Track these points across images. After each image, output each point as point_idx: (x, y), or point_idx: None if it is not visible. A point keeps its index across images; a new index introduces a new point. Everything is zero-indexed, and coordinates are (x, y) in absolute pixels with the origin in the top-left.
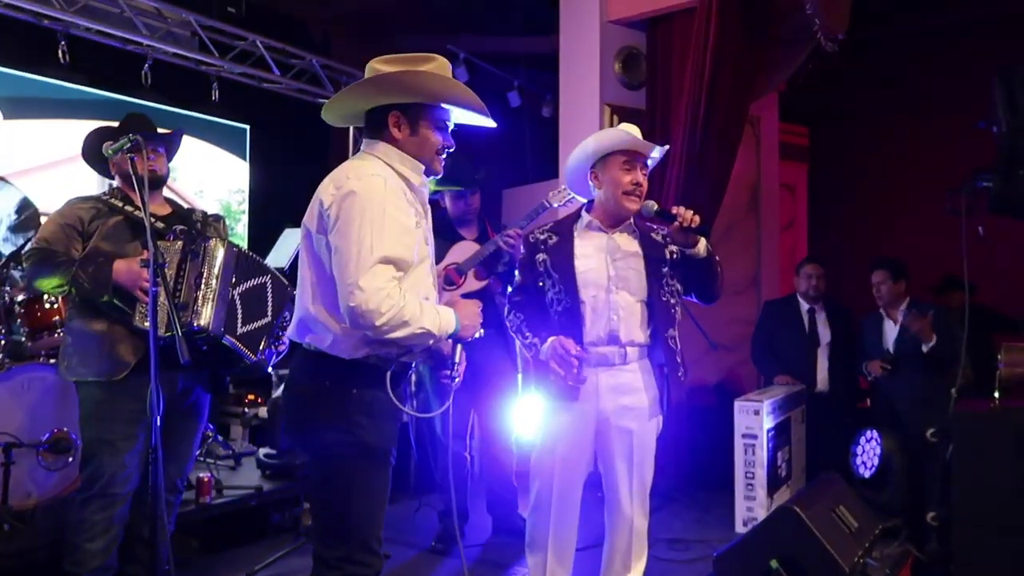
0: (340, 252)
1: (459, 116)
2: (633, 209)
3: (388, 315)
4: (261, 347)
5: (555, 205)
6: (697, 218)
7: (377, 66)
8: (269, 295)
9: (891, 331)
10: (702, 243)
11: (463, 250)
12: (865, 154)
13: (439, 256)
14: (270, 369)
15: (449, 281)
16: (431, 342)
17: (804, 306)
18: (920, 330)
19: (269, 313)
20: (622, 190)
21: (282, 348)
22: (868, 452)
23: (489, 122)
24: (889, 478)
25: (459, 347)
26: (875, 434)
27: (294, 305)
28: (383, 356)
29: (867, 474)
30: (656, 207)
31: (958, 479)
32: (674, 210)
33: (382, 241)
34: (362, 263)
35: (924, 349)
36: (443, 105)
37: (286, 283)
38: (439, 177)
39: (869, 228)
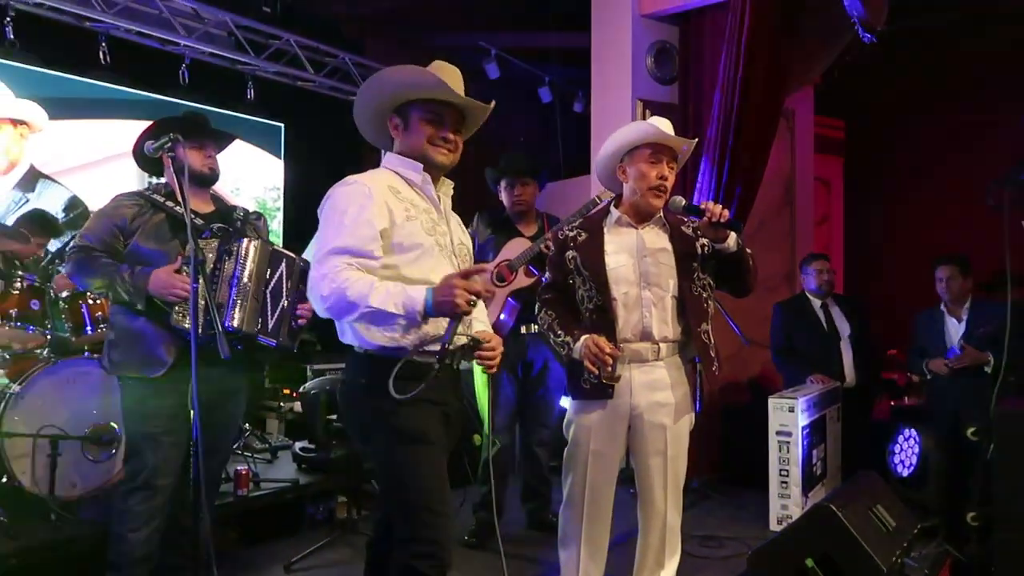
0: (313, 251)
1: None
2: (657, 205)
3: (331, 298)
4: (283, 331)
5: (607, 201)
6: (726, 212)
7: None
8: (284, 279)
9: (954, 328)
10: (732, 238)
11: (516, 247)
12: (903, 147)
13: (496, 251)
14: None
15: (500, 278)
16: (401, 321)
17: (816, 302)
18: (974, 361)
19: (284, 295)
20: (648, 185)
21: (304, 318)
22: (906, 451)
23: (468, 103)
24: (928, 477)
25: (453, 325)
26: (913, 432)
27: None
28: (405, 347)
29: (905, 473)
30: (684, 202)
31: (1000, 479)
32: (702, 205)
33: (337, 234)
34: (317, 257)
35: (988, 369)
36: (427, 98)
37: (295, 258)
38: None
39: (907, 223)
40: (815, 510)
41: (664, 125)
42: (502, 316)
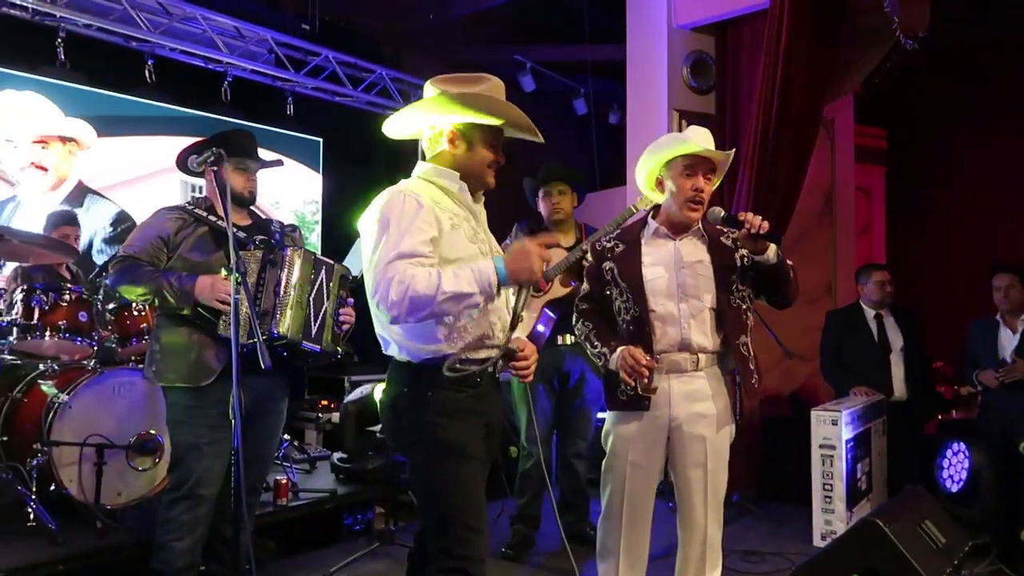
0: (367, 265)
1: (509, 132)
2: (693, 217)
3: (403, 299)
4: (327, 336)
5: (643, 210)
6: (766, 224)
7: (437, 85)
8: (325, 285)
9: (1008, 340)
10: (772, 249)
11: (552, 256)
12: (945, 156)
13: None
14: (339, 360)
15: (536, 288)
16: (479, 299)
17: (870, 313)
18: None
19: (326, 301)
20: (684, 197)
21: (347, 323)
22: (955, 465)
23: (538, 138)
24: (978, 493)
25: (525, 294)
26: (963, 447)
27: (348, 283)
28: (449, 356)
29: (955, 488)
30: (723, 214)
31: None
32: (741, 216)
33: (396, 242)
34: (378, 268)
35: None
36: (496, 124)
37: (333, 263)
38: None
39: (949, 233)
40: (861, 525)
41: (702, 136)
42: (539, 327)
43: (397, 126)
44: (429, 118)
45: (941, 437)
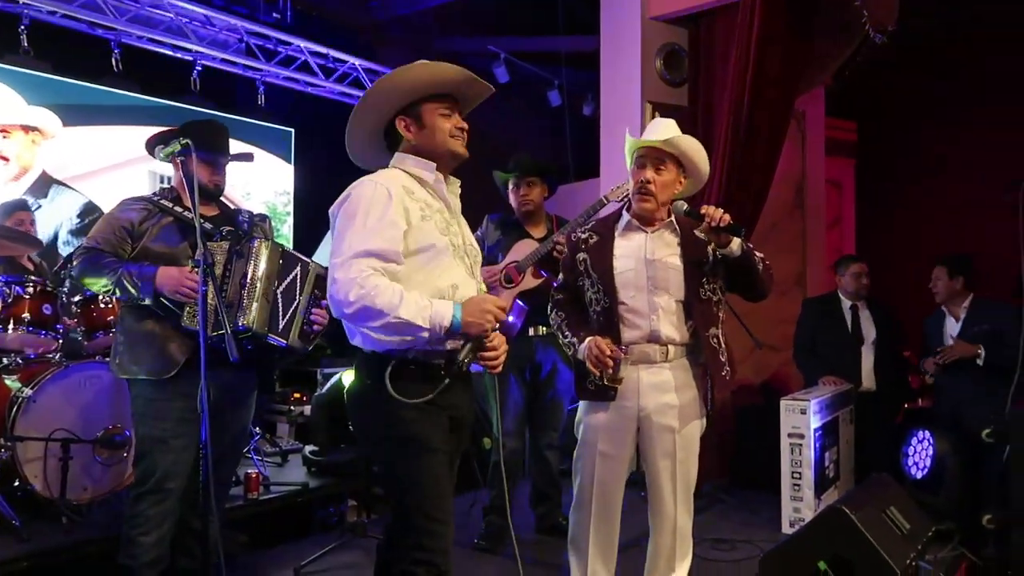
0: (332, 252)
1: (466, 98)
2: (644, 208)
3: (356, 304)
4: (294, 333)
5: (614, 201)
6: (727, 217)
7: (362, 97)
8: (298, 283)
9: (952, 328)
10: (735, 242)
11: (524, 248)
12: (916, 149)
13: (505, 253)
14: (309, 360)
15: (508, 279)
16: (425, 335)
17: (846, 303)
18: (962, 354)
19: (298, 298)
20: (634, 188)
21: (318, 324)
22: (920, 453)
23: (488, 88)
24: (943, 480)
25: (467, 346)
26: (927, 435)
27: (323, 283)
28: (420, 349)
29: (919, 475)
30: (685, 207)
31: (1016, 480)
32: (702, 209)
33: (363, 237)
34: (341, 258)
35: (980, 362)
36: (436, 92)
37: (309, 262)
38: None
39: (919, 225)
40: (828, 512)
41: (658, 127)
42: (510, 318)
43: (356, 148)
44: (373, 121)
45: (907, 425)
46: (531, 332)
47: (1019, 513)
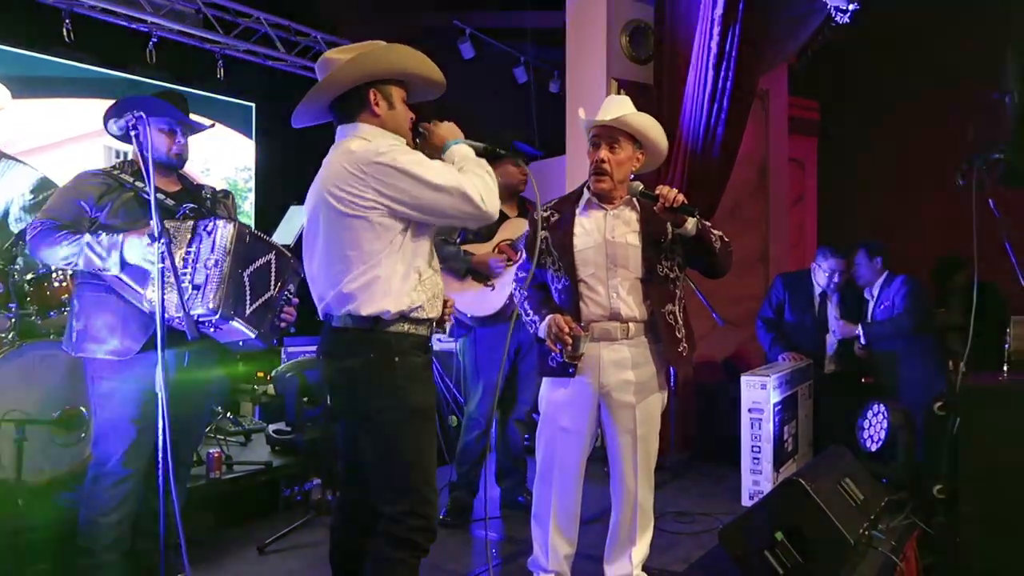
0: (423, 198)
1: (415, 93)
2: (599, 187)
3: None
4: (264, 323)
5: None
6: (680, 197)
7: (334, 56)
8: (273, 270)
9: (870, 307)
10: (691, 221)
11: (515, 227)
12: (877, 128)
13: (491, 233)
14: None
15: (506, 257)
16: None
17: (817, 289)
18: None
19: (272, 287)
20: (590, 168)
21: (285, 322)
22: (875, 426)
23: (441, 91)
24: (896, 452)
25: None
26: (882, 408)
27: (297, 278)
28: (415, 321)
29: (874, 448)
30: (641, 188)
31: (965, 452)
32: (656, 190)
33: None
34: (453, 179)
35: (859, 344)
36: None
37: (289, 256)
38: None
39: (880, 204)
40: (785, 484)
41: (613, 105)
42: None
43: (311, 106)
44: (346, 83)
45: (863, 399)
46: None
47: (967, 483)
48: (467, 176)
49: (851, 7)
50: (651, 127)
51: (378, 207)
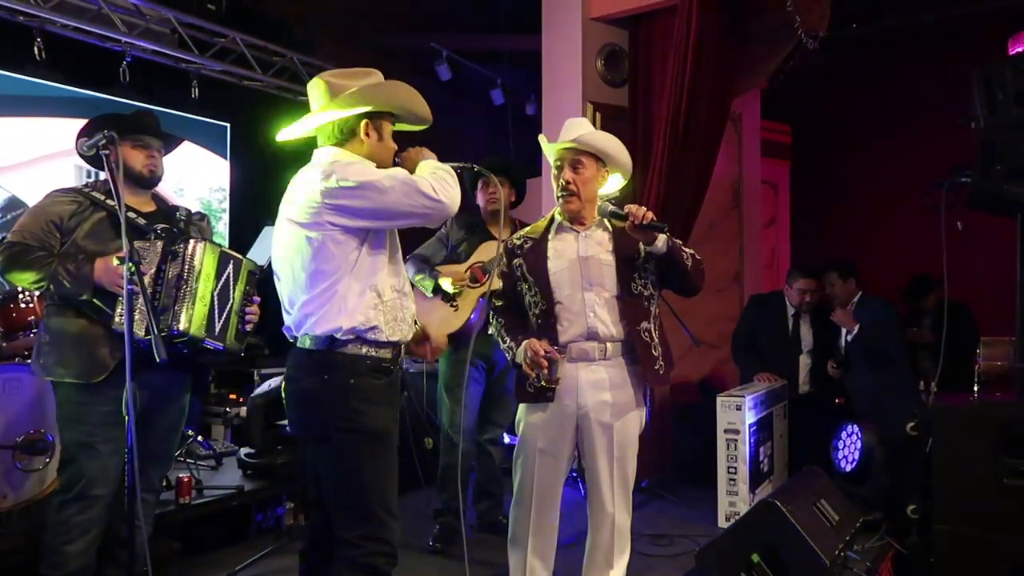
0: (375, 201)
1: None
2: (568, 209)
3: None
4: (230, 334)
5: None
6: (650, 214)
7: (334, 80)
8: (232, 281)
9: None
10: (661, 239)
11: (489, 249)
12: (849, 152)
13: (469, 255)
14: (243, 356)
15: (474, 279)
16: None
17: (790, 309)
18: (842, 322)
19: (231, 297)
20: (557, 191)
21: (251, 323)
22: (849, 446)
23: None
24: (870, 472)
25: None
26: (856, 429)
27: (255, 278)
28: (373, 344)
29: (848, 468)
30: (611, 208)
31: (938, 472)
32: (625, 208)
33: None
34: (395, 179)
35: (849, 337)
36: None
37: (243, 260)
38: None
39: (853, 225)
40: (761, 506)
41: (573, 127)
42: (472, 316)
43: (297, 131)
44: (344, 111)
45: (837, 420)
46: (491, 330)
47: (940, 503)
48: (419, 173)
49: (820, 34)
50: (609, 143)
51: (336, 226)
